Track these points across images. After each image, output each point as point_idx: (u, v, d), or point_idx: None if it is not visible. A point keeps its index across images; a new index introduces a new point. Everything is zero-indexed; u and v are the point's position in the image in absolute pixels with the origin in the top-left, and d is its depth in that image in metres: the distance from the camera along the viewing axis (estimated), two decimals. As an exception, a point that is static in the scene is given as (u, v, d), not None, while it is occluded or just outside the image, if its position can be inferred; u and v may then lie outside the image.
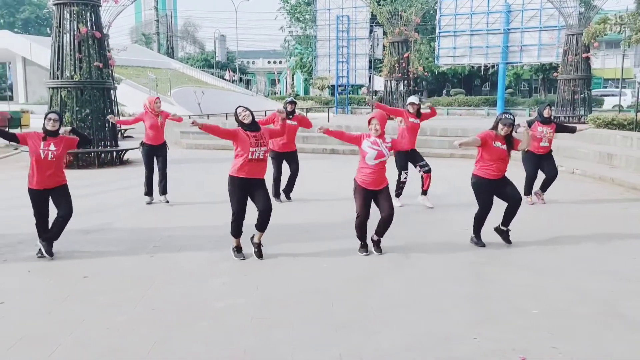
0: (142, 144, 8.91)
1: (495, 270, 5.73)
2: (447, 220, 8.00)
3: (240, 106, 6.04)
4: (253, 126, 5.90)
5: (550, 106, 8.97)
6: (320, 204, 8.93)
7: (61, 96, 12.87)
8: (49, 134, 5.96)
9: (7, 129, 6.10)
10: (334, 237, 6.97)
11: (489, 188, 6.47)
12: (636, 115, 15.22)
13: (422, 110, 8.70)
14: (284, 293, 5.09)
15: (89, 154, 13.08)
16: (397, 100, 24.81)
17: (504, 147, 6.29)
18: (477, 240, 6.61)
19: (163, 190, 8.97)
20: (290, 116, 8.80)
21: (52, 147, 5.90)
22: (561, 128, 9.10)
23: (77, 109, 12.81)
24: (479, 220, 6.61)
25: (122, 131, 18.58)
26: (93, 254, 6.14)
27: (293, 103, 9.01)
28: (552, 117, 8.91)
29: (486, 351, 3.93)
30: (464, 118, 28.46)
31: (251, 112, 5.94)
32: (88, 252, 6.23)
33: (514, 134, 6.37)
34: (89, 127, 12.89)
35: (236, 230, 6.04)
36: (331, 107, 32.39)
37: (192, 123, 5.79)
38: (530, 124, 8.65)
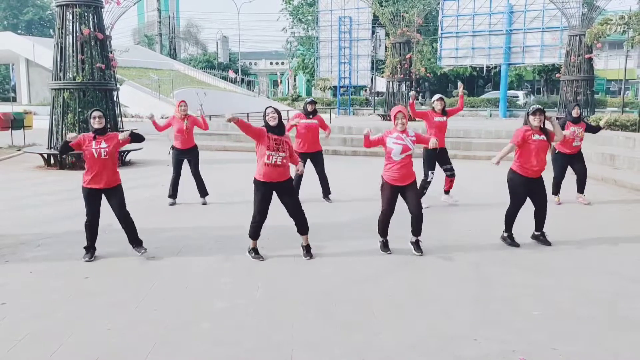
0: (172, 147, 9.02)
1: (497, 271, 5.72)
2: (451, 220, 7.99)
3: (270, 106, 6.02)
4: (277, 129, 5.85)
5: (579, 106, 8.99)
6: (322, 205, 8.93)
7: (64, 97, 12.90)
8: (98, 133, 5.97)
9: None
10: (336, 238, 6.97)
11: (524, 187, 6.47)
12: (639, 116, 15.20)
13: (448, 109, 8.74)
14: (286, 293, 5.10)
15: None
16: (400, 102, 24.78)
17: (543, 137, 6.31)
18: (511, 241, 6.61)
19: (202, 193, 9.13)
20: (311, 116, 8.85)
21: (103, 145, 5.92)
22: (589, 128, 9.08)
23: (79, 110, 12.83)
24: (510, 217, 6.61)
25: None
26: (95, 255, 6.13)
27: (313, 103, 9.06)
28: (582, 117, 8.92)
29: (488, 352, 3.93)
30: (466, 119, 28.41)
31: (279, 115, 5.89)
32: (90, 252, 6.23)
33: (546, 125, 6.38)
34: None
35: (254, 232, 6.04)
36: (333, 108, 32.44)
37: (230, 119, 5.65)
38: (561, 125, 8.69)
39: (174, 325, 4.39)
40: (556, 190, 9.02)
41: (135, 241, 6.23)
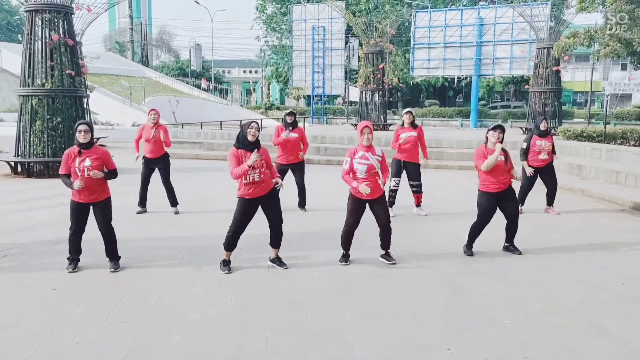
0: (143, 156, 8.91)
1: (468, 280, 5.77)
2: (423, 230, 8.04)
3: (255, 122, 5.84)
4: (252, 145, 5.69)
5: (546, 119, 9.08)
6: (296, 215, 8.90)
7: (32, 104, 12.65)
8: (83, 147, 5.75)
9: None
10: (309, 248, 6.95)
11: (492, 200, 6.52)
12: (605, 127, 15.58)
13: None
14: (259, 303, 5.06)
15: (60, 163, 12.80)
16: (372, 111, 24.99)
17: (501, 158, 6.34)
18: (467, 250, 6.68)
19: (172, 203, 9.01)
20: (291, 127, 8.82)
21: (87, 163, 5.69)
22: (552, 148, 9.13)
23: (48, 117, 12.60)
24: (475, 232, 6.67)
25: (94, 140, 18.32)
26: (63, 265, 5.99)
27: (292, 114, 9.00)
28: (549, 129, 9.04)
29: (460, 361, 3.96)
30: (438, 129, 28.75)
31: (258, 131, 5.72)
32: (58, 263, 6.09)
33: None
34: (60, 136, 12.68)
35: (230, 244, 5.93)
36: (307, 117, 32.49)
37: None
38: (527, 140, 8.82)
39: (144, 337, 4.32)
40: (520, 201, 9.05)
41: (113, 256, 6.07)
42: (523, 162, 8.84)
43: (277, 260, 6.15)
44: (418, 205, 8.97)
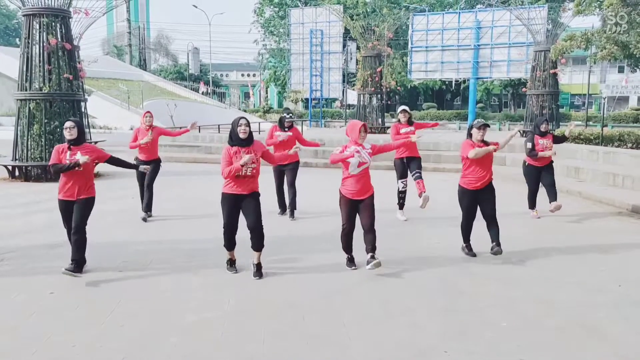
0: (135, 158, 8.82)
1: (466, 283, 5.78)
2: (420, 232, 8.05)
3: (243, 117, 5.81)
4: (245, 141, 5.73)
5: (547, 121, 9.10)
6: (292, 217, 8.90)
7: (29, 108, 12.65)
8: (72, 144, 5.81)
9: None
10: (305, 251, 6.95)
11: (470, 199, 6.63)
12: (602, 130, 15.62)
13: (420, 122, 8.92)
14: (256, 307, 5.06)
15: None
16: (370, 114, 25.00)
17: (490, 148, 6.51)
18: (468, 251, 6.73)
19: (147, 208, 8.75)
20: (287, 129, 8.79)
21: (78, 156, 5.70)
22: (555, 139, 9.19)
23: (45, 121, 12.60)
24: (464, 228, 6.76)
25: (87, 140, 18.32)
26: (60, 269, 5.97)
27: (289, 118, 8.92)
28: (548, 131, 9.07)
29: (457, 364, 3.96)
30: (435, 132, 28.77)
31: (248, 126, 5.73)
32: (55, 267, 6.07)
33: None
34: (57, 140, 12.67)
35: (227, 242, 5.92)
36: (305, 121, 32.53)
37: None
38: (531, 139, 8.85)
39: (141, 340, 4.31)
40: (532, 204, 9.07)
41: (77, 261, 5.82)
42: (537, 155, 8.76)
43: (256, 267, 5.91)
44: (422, 193, 8.73)
